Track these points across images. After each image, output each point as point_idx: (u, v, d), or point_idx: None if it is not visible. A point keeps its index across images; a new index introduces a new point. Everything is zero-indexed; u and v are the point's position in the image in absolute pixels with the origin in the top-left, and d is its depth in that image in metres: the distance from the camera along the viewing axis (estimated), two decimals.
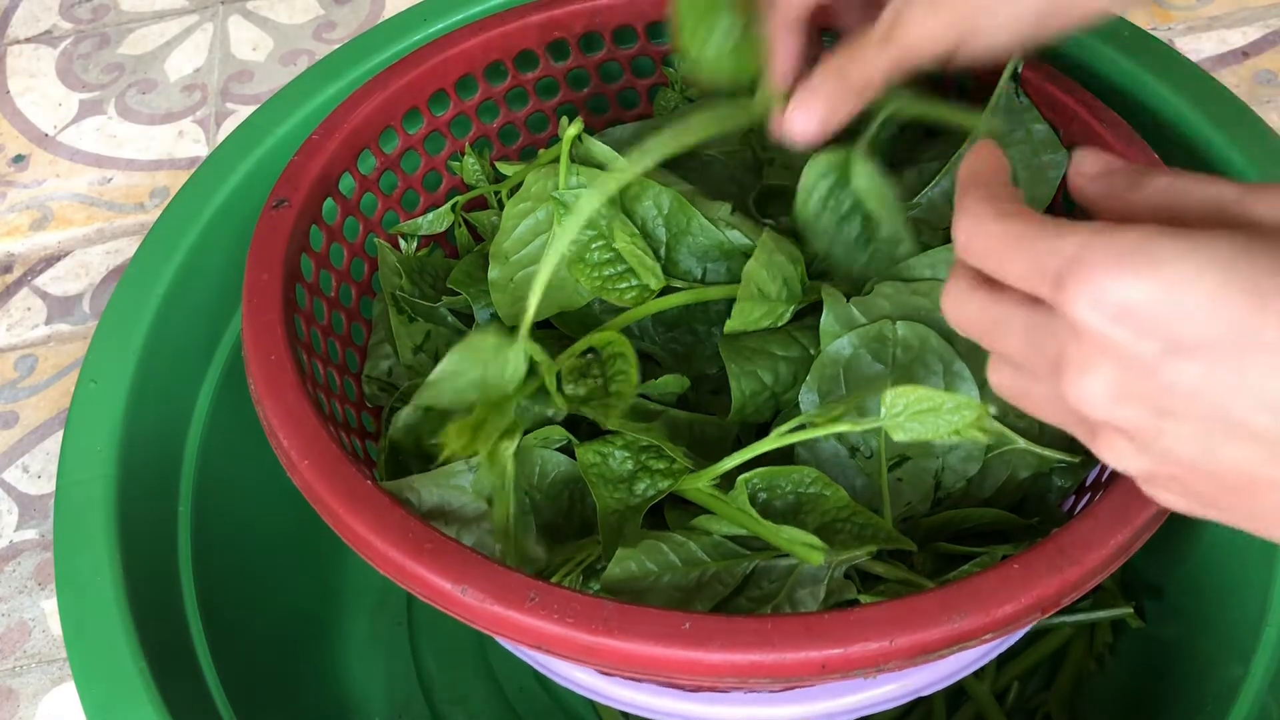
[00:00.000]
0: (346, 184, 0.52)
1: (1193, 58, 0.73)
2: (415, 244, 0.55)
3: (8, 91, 0.88)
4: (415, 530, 0.37)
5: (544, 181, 0.50)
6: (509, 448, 0.42)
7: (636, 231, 0.48)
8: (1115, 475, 0.39)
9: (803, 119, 0.39)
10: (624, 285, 0.48)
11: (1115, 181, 0.30)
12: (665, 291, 0.48)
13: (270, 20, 0.90)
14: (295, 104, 0.57)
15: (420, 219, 0.55)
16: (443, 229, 0.56)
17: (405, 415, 0.46)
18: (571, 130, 0.49)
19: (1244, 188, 0.27)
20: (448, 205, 0.56)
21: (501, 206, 0.54)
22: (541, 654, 0.36)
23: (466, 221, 0.57)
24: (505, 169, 0.56)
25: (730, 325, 0.45)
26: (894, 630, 0.34)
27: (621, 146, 0.57)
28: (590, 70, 0.59)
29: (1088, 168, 0.31)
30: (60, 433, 0.50)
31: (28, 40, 0.91)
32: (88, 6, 0.93)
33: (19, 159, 0.83)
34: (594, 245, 0.48)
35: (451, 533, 0.42)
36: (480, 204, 0.57)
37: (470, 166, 0.57)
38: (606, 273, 0.48)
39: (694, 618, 0.34)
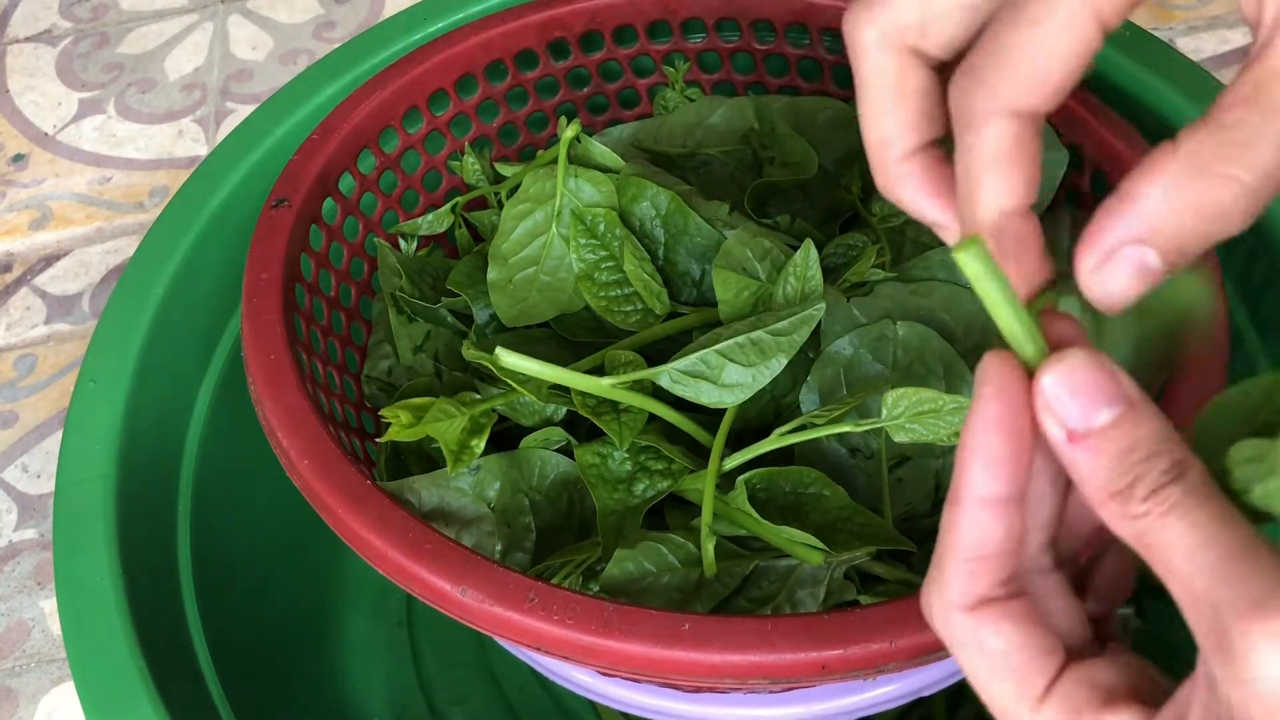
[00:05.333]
0: (346, 183, 0.52)
1: (1193, 57, 0.73)
2: (415, 244, 0.55)
3: (7, 91, 0.88)
4: (415, 531, 0.37)
5: (542, 183, 0.50)
6: (479, 444, 0.42)
7: (646, 256, 0.48)
8: None
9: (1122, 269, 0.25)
10: (629, 309, 0.48)
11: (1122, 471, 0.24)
12: (671, 316, 0.48)
13: (270, 20, 0.90)
14: (295, 103, 0.57)
15: (420, 219, 0.55)
16: (442, 229, 0.56)
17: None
18: (569, 132, 0.49)
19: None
20: (447, 206, 0.56)
21: (501, 206, 0.54)
22: (541, 655, 0.36)
23: (466, 221, 0.57)
24: (504, 170, 0.56)
25: (721, 305, 0.45)
26: (894, 631, 0.34)
27: (621, 145, 0.57)
28: (590, 69, 0.59)
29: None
30: (60, 432, 0.50)
31: (27, 39, 0.91)
32: (87, 6, 0.93)
33: (18, 158, 0.83)
34: (603, 265, 0.48)
35: (451, 534, 0.42)
36: (480, 204, 0.57)
37: (470, 166, 0.57)
38: (613, 294, 0.48)
39: (693, 619, 0.34)
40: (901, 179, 0.29)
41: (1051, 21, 0.25)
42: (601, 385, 0.42)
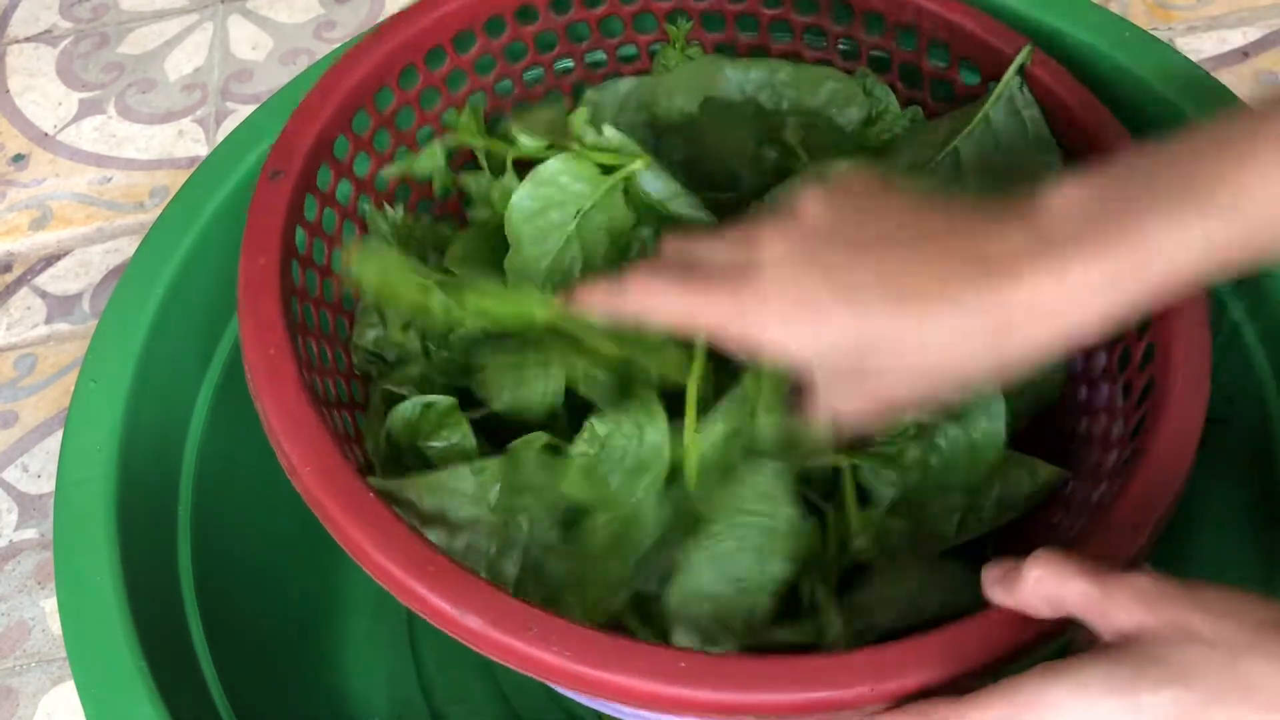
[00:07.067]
0: (341, 146, 0.51)
1: (1193, 58, 0.73)
2: (401, 210, 0.54)
3: (7, 91, 0.88)
4: (417, 549, 0.37)
5: (549, 188, 0.48)
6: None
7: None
8: (1091, 527, 0.39)
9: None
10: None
11: (1009, 582, 0.34)
12: None
13: (270, 20, 0.90)
14: (295, 103, 0.57)
15: (409, 159, 0.53)
16: (435, 168, 0.53)
17: (406, 411, 0.45)
18: (578, 121, 0.48)
19: (1100, 593, 0.31)
20: (436, 144, 0.53)
21: (493, 170, 0.52)
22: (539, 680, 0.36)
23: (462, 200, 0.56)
24: (497, 148, 0.53)
25: None
26: (875, 676, 0.34)
27: (619, 100, 0.56)
28: (591, 24, 0.58)
29: (992, 577, 0.35)
30: (60, 432, 0.50)
31: (27, 39, 0.91)
32: (87, 6, 0.93)
33: (19, 158, 0.83)
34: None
35: (445, 535, 0.42)
36: (471, 162, 0.56)
37: (466, 124, 0.55)
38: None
39: (689, 656, 0.35)
40: None
41: None
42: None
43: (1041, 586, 0.33)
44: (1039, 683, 0.31)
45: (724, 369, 0.43)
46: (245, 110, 0.83)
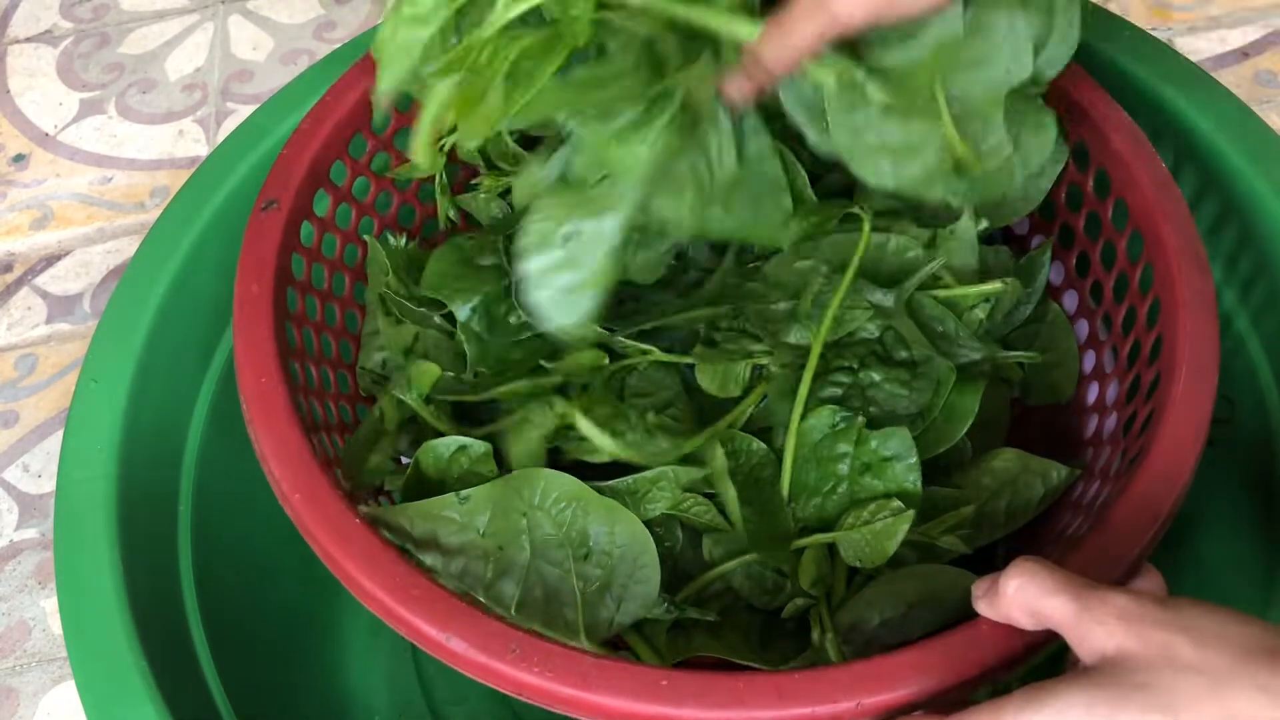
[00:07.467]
0: (338, 172, 0.51)
1: (1193, 58, 0.73)
2: (405, 239, 0.54)
3: (8, 91, 0.88)
4: (403, 575, 0.38)
5: None
6: None
7: None
8: (1094, 527, 0.39)
9: (738, 86, 0.42)
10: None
11: (991, 594, 0.34)
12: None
13: (270, 20, 0.90)
14: (295, 104, 0.57)
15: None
16: (438, 170, 0.54)
17: (439, 449, 0.45)
18: None
19: (1079, 608, 0.32)
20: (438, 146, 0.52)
21: (488, 164, 0.52)
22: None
23: (461, 212, 0.56)
24: None
25: None
26: (860, 691, 0.34)
27: None
28: None
29: (977, 593, 0.36)
30: (60, 432, 0.50)
31: (28, 40, 0.91)
32: (88, 6, 0.93)
33: (19, 158, 0.83)
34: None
35: (441, 560, 0.42)
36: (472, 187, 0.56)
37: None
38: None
39: (670, 675, 0.35)
40: None
41: None
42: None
43: (1021, 596, 0.33)
44: (1020, 706, 0.31)
45: None
46: (245, 110, 0.83)
